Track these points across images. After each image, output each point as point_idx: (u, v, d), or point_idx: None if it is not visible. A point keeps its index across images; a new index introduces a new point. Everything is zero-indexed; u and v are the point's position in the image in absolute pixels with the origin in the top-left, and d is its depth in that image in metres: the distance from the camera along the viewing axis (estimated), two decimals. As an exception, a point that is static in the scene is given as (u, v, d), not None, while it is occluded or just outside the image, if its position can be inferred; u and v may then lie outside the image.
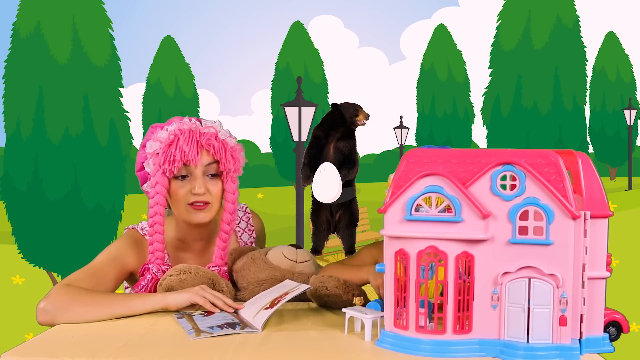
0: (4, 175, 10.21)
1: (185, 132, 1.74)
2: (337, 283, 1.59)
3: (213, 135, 1.76)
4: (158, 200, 1.75)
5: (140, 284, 1.76)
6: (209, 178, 1.77)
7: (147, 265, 1.77)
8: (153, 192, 1.75)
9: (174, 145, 1.73)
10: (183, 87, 21.56)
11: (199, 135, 1.74)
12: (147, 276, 1.76)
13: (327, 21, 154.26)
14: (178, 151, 1.72)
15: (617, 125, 24.04)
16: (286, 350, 1.30)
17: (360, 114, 1.85)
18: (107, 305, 1.55)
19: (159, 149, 1.74)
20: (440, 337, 1.21)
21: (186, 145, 1.72)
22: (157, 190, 1.75)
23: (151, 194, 1.76)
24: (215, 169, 1.76)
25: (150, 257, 1.77)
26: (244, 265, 1.76)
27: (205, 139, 1.74)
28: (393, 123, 18.74)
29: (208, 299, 1.56)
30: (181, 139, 1.73)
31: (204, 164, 1.75)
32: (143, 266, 1.77)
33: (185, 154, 1.71)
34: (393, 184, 1.25)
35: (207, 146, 1.74)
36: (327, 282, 1.59)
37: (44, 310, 1.53)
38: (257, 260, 1.74)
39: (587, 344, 1.24)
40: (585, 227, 1.20)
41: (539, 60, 18.16)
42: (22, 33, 10.15)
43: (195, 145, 1.73)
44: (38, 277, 9.82)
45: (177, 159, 1.71)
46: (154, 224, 1.75)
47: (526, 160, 1.18)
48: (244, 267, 1.75)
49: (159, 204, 1.75)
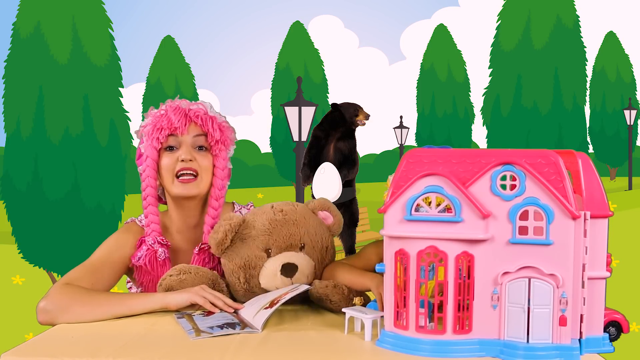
0: (4, 175, 10.21)
1: (174, 105, 1.80)
2: (342, 297, 1.57)
3: (201, 111, 1.80)
4: (149, 173, 1.79)
5: (136, 255, 1.76)
6: (197, 150, 1.79)
7: (143, 238, 1.78)
8: (144, 166, 1.80)
9: (163, 117, 1.78)
10: (183, 87, 21.56)
11: (188, 110, 1.79)
12: (142, 247, 1.77)
13: (327, 21, 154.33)
14: (165, 120, 1.76)
15: (617, 125, 24.04)
16: (286, 350, 1.30)
17: (360, 114, 1.85)
18: (107, 305, 1.55)
19: (149, 122, 1.79)
20: (440, 337, 1.21)
21: (174, 115, 1.77)
22: (147, 164, 1.79)
23: (142, 168, 1.80)
24: (203, 141, 1.80)
25: (146, 229, 1.79)
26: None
27: (193, 112, 1.79)
28: (393, 123, 18.77)
29: (208, 299, 1.56)
30: (169, 110, 1.78)
31: (191, 135, 1.78)
32: (140, 239, 1.78)
33: (172, 123, 1.76)
34: (393, 184, 1.25)
35: (195, 118, 1.78)
36: (332, 294, 1.57)
37: (44, 310, 1.53)
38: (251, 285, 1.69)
39: (587, 344, 1.24)
40: (585, 227, 1.20)
41: (539, 60, 18.16)
42: (22, 33, 10.14)
43: (183, 117, 1.77)
44: (38, 277, 9.81)
45: (164, 127, 1.76)
46: (146, 196, 1.79)
47: (526, 160, 1.18)
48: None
49: (149, 177, 1.79)
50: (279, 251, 1.65)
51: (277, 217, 1.67)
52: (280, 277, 1.63)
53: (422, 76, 23.33)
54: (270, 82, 22.59)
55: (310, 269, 1.66)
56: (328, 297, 1.57)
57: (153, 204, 1.80)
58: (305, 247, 1.67)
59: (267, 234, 1.65)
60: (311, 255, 1.68)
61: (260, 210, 1.72)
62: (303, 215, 1.70)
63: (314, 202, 1.75)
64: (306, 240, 1.67)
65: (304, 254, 1.66)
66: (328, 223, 1.74)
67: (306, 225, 1.68)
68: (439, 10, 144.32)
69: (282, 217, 1.68)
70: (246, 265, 1.65)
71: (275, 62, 22.57)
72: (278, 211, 1.69)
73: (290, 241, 1.66)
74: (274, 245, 1.65)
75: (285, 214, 1.68)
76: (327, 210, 1.74)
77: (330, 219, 1.74)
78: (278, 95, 21.75)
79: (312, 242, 1.68)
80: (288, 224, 1.67)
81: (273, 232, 1.65)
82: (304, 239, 1.67)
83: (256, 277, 1.64)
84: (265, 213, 1.69)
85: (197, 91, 22.11)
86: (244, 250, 1.66)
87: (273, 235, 1.65)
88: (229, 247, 1.67)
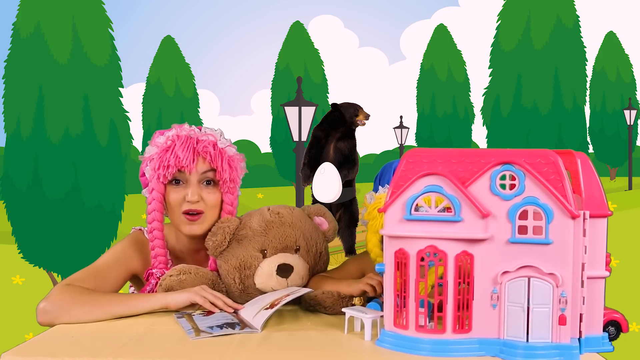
0: (4, 175, 10.22)
1: (182, 138, 1.70)
2: (334, 300, 1.56)
3: (211, 143, 1.71)
4: (155, 206, 1.73)
5: (145, 290, 1.76)
6: (204, 186, 1.72)
7: (150, 270, 1.77)
8: (150, 198, 1.73)
9: (169, 150, 1.69)
10: (183, 87, 21.55)
11: (196, 142, 1.70)
12: (151, 281, 1.75)
13: (327, 21, 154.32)
14: (173, 157, 1.68)
15: (617, 125, 24.04)
16: (286, 350, 1.31)
17: (360, 114, 1.85)
18: (107, 305, 1.55)
19: (155, 154, 1.72)
20: (440, 337, 1.21)
21: (181, 151, 1.67)
22: (153, 197, 1.73)
23: (148, 200, 1.74)
24: (212, 176, 1.72)
25: (153, 261, 1.76)
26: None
27: (202, 146, 1.69)
28: (393, 123, 18.75)
29: (208, 298, 1.56)
30: (177, 144, 1.69)
31: (199, 171, 1.71)
32: (147, 271, 1.76)
33: (179, 160, 1.67)
34: (392, 184, 1.25)
35: (204, 153, 1.69)
36: (323, 300, 1.57)
37: (44, 311, 1.53)
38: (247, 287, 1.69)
39: (587, 343, 1.24)
40: (584, 226, 1.21)
41: (539, 60, 18.17)
42: (22, 33, 10.15)
43: (191, 152, 1.68)
44: (38, 277, 9.82)
45: (171, 165, 1.68)
46: (152, 229, 1.74)
47: (525, 160, 1.18)
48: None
49: (155, 210, 1.73)
50: (275, 252, 1.65)
51: (273, 218, 1.67)
52: (276, 278, 1.62)
53: (422, 76, 23.32)
54: (270, 82, 22.61)
55: (305, 271, 1.67)
56: (320, 303, 1.58)
57: (159, 237, 1.75)
58: (300, 250, 1.67)
59: (263, 234, 1.65)
60: (306, 258, 1.68)
61: (257, 211, 1.72)
62: (299, 219, 1.70)
63: (310, 207, 1.76)
64: (302, 243, 1.67)
65: (299, 256, 1.66)
66: (323, 229, 1.74)
67: (302, 228, 1.68)
68: (439, 10, 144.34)
69: (278, 218, 1.67)
70: (241, 266, 1.64)
71: (275, 62, 22.57)
72: (274, 213, 1.69)
73: (286, 242, 1.66)
74: (270, 246, 1.65)
75: (282, 216, 1.68)
76: (322, 217, 1.74)
77: (325, 224, 1.74)
78: (278, 95, 21.74)
79: (307, 245, 1.68)
80: (284, 225, 1.67)
81: (269, 233, 1.65)
82: (300, 242, 1.67)
83: (251, 278, 1.64)
84: (261, 214, 1.69)
85: (197, 91, 22.10)
86: (240, 251, 1.66)
87: (269, 236, 1.65)
88: (225, 248, 1.68)
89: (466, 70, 23.23)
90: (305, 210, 1.75)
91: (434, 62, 23.02)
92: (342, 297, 1.56)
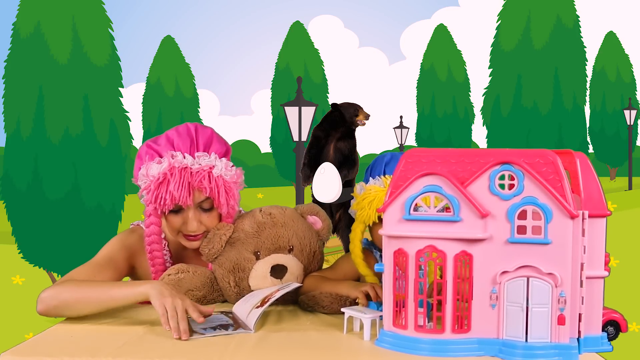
0: (4, 175, 10.21)
1: (176, 173, 1.65)
2: (331, 299, 1.56)
3: (206, 174, 1.66)
4: (153, 230, 1.72)
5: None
6: (203, 211, 1.71)
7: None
8: (147, 222, 1.72)
9: (163, 186, 1.65)
10: (183, 87, 21.55)
11: (190, 176, 1.65)
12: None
13: (327, 21, 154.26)
14: (168, 195, 1.64)
15: (617, 125, 24.03)
16: (285, 350, 1.31)
17: (360, 114, 1.86)
18: (91, 292, 1.53)
19: (150, 185, 1.67)
20: (439, 337, 1.21)
21: (176, 190, 1.63)
22: (151, 221, 1.72)
23: (146, 224, 1.73)
24: (209, 204, 1.71)
25: (153, 276, 1.77)
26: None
27: (197, 180, 1.65)
28: (393, 123, 18.74)
29: (168, 312, 1.41)
30: (172, 181, 1.64)
31: (196, 201, 1.69)
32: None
33: (175, 198, 1.65)
34: (392, 184, 1.25)
35: (200, 186, 1.66)
36: (320, 300, 1.57)
37: (41, 299, 1.54)
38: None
39: (586, 343, 1.24)
40: (583, 226, 1.21)
41: (539, 60, 18.16)
42: (22, 33, 10.15)
43: (186, 188, 1.64)
44: (38, 277, 9.81)
45: (167, 202, 1.65)
46: (152, 250, 1.75)
47: (524, 160, 1.19)
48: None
49: (154, 234, 1.73)
50: (268, 253, 1.65)
51: (265, 219, 1.68)
52: (270, 279, 1.63)
53: (422, 76, 23.31)
54: (270, 82, 22.59)
55: (299, 270, 1.67)
56: (318, 303, 1.58)
57: (159, 257, 1.74)
58: (293, 250, 1.67)
59: (256, 236, 1.65)
60: (299, 258, 1.68)
61: (249, 213, 1.72)
62: (291, 218, 1.70)
63: (303, 206, 1.76)
64: (295, 243, 1.67)
65: (292, 256, 1.66)
66: (317, 228, 1.74)
67: (294, 228, 1.68)
68: (439, 10, 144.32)
69: (270, 219, 1.68)
70: (235, 269, 1.64)
71: (275, 62, 22.56)
72: (266, 214, 1.69)
73: (279, 243, 1.66)
74: (263, 248, 1.65)
75: (274, 217, 1.68)
76: (315, 215, 1.74)
77: (319, 223, 1.74)
78: (278, 95, 21.73)
79: (300, 245, 1.68)
80: (276, 226, 1.67)
81: (261, 235, 1.65)
82: (293, 241, 1.67)
83: (246, 280, 1.64)
84: (253, 216, 1.70)
85: (197, 91, 22.09)
86: (233, 254, 1.66)
87: (261, 237, 1.65)
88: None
89: (466, 70, 23.22)
90: (298, 210, 1.75)
91: (434, 62, 23.00)
92: (340, 296, 1.56)
